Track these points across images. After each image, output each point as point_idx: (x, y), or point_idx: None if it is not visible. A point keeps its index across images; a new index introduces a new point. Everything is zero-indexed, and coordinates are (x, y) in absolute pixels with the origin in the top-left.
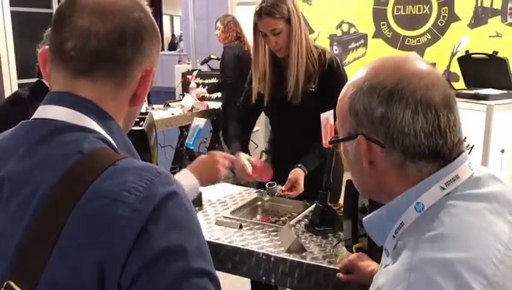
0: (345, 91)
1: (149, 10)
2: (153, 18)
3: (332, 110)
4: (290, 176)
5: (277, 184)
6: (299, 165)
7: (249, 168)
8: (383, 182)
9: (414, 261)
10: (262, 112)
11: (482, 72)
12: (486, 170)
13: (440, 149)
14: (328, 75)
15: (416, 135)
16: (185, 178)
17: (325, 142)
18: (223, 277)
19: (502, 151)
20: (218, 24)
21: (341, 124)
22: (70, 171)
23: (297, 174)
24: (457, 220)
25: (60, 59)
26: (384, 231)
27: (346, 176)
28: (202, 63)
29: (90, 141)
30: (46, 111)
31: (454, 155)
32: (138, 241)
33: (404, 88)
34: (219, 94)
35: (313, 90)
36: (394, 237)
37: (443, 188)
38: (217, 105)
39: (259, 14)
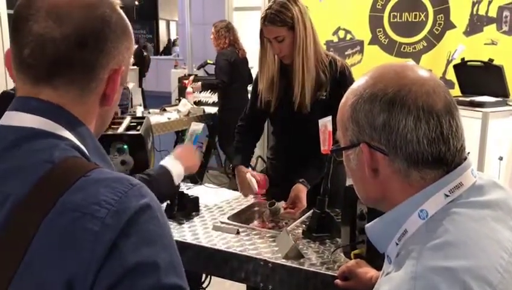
0: (345, 100)
1: (117, 4)
2: (121, 13)
3: (330, 117)
4: (291, 193)
5: (277, 202)
6: (301, 180)
7: (255, 186)
8: (386, 189)
9: (419, 270)
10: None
11: (478, 80)
12: (488, 177)
13: (443, 156)
14: (339, 83)
15: (419, 141)
16: (174, 166)
17: (323, 149)
18: (218, 283)
19: (500, 158)
20: (212, 30)
21: (342, 133)
22: (40, 182)
23: (299, 190)
24: (461, 227)
25: (20, 66)
26: (387, 238)
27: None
28: (199, 68)
29: (61, 149)
30: (13, 118)
31: (457, 162)
32: (109, 257)
33: (406, 95)
34: (215, 99)
35: (324, 97)
36: (397, 244)
37: (447, 195)
38: (213, 110)
39: (264, 20)
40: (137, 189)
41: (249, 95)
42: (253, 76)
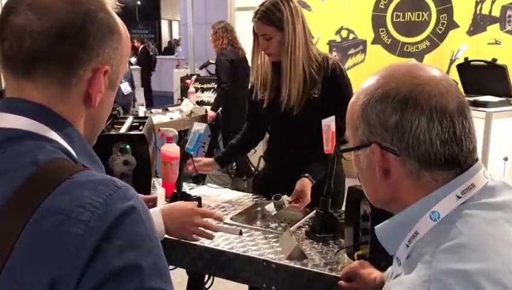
0: (355, 99)
1: (108, 5)
2: (111, 13)
3: (333, 117)
4: (296, 186)
5: (282, 195)
6: (306, 174)
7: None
8: (396, 191)
9: (432, 273)
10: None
11: (481, 79)
12: (499, 179)
13: (456, 157)
14: (330, 81)
15: (432, 142)
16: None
17: (327, 149)
18: (221, 283)
19: (506, 159)
20: (211, 31)
21: (352, 133)
22: (24, 185)
23: (304, 184)
24: (474, 229)
25: (2, 60)
26: (397, 240)
27: (347, 182)
28: (201, 68)
29: (47, 151)
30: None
31: (469, 163)
32: (92, 261)
33: (419, 95)
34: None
35: (317, 96)
36: (407, 246)
37: (459, 197)
38: None
39: (254, 16)
40: (123, 191)
41: None
42: None
